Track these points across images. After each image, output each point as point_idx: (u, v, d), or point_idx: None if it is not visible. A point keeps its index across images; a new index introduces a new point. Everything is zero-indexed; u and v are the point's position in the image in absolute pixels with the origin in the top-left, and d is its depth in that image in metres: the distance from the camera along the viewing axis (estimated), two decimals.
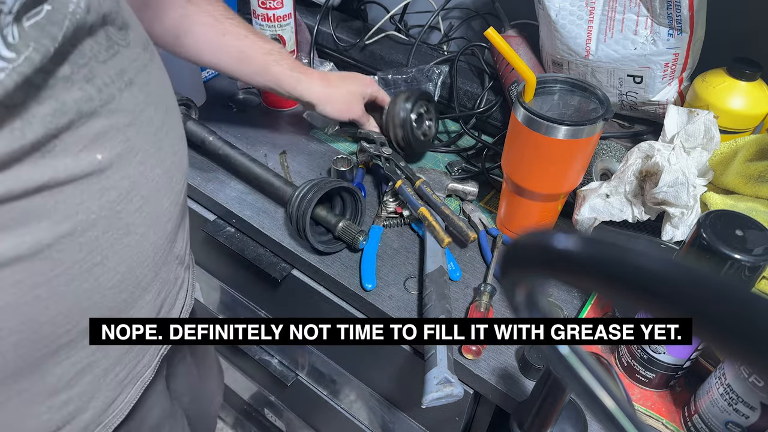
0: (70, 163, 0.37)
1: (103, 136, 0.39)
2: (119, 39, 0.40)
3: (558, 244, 0.21)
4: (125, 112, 0.40)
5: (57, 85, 0.35)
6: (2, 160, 0.33)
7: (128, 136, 0.41)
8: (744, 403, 0.51)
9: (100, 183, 0.39)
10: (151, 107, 0.44)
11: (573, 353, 0.25)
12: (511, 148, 0.71)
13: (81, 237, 0.39)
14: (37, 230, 0.37)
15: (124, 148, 0.41)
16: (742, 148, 0.70)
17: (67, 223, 0.38)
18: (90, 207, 0.39)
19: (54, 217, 0.37)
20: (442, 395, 0.59)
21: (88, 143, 0.37)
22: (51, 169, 0.36)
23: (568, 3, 0.79)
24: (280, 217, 0.82)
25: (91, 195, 0.39)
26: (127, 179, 0.42)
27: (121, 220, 0.42)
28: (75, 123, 0.36)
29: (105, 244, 0.42)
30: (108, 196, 0.40)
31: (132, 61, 0.41)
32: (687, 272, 0.17)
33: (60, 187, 0.37)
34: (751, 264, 0.48)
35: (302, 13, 1.08)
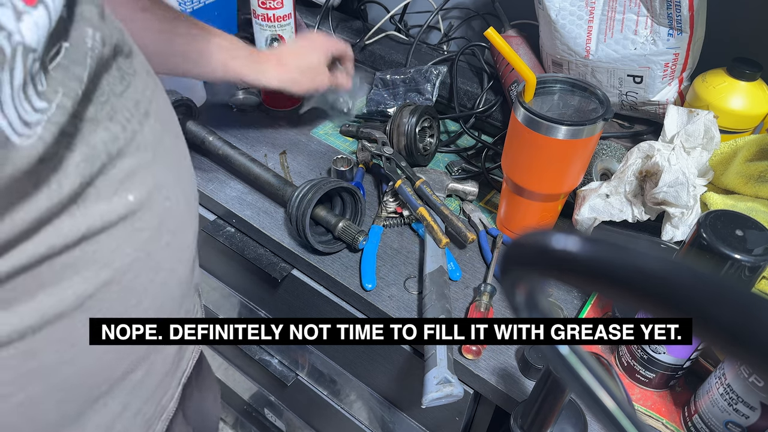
0: (104, 209, 0.35)
1: (133, 176, 0.37)
2: (128, 68, 0.38)
3: (558, 244, 0.21)
4: (148, 147, 0.39)
5: (84, 129, 0.33)
6: (43, 216, 0.31)
7: (154, 171, 0.40)
8: (744, 403, 0.51)
9: (133, 225, 0.38)
10: (167, 136, 0.42)
11: (573, 353, 0.25)
12: (511, 148, 0.71)
13: (119, 284, 0.38)
14: (79, 283, 0.35)
15: (152, 184, 0.39)
16: (742, 148, 0.70)
17: (106, 271, 0.37)
18: (126, 251, 0.38)
19: (93, 268, 0.36)
20: (442, 395, 0.59)
21: (119, 186, 0.36)
22: (88, 218, 0.34)
23: (568, 3, 0.79)
24: (280, 217, 0.82)
25: (126, 239, 0.38)
26: (156, 217, 0.41)
27: (152, 260, 0.41)
28: (106, 166, 0.34)
29: (139, 287, 0.41)
30: (140, 237, 0.39)
31: (143, 90, 0.40)
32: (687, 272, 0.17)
33: (97, 236, 0.35)
34: (751, 264, 0.48)
35: (302, 13, 1.08)
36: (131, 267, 0.39)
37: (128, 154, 0.36)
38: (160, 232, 0.41)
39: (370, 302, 0.71)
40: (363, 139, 0.92)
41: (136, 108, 0.38)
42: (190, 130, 0.86)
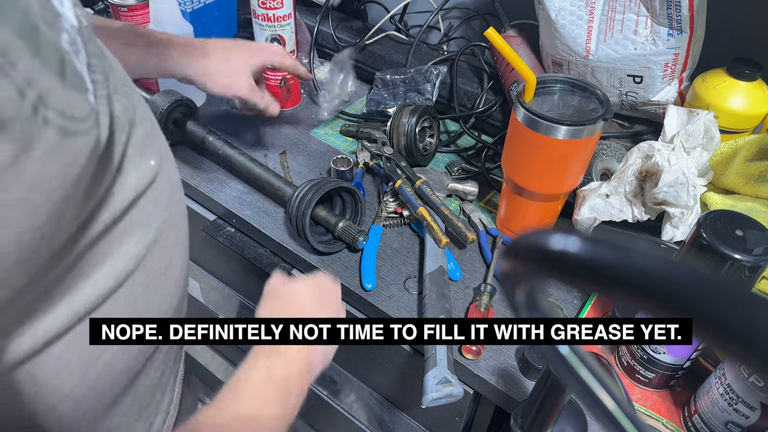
0: (140, 173, 0.38)
1: (147, 143, 0.40)
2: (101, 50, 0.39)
3: (557, 244, 0.21)
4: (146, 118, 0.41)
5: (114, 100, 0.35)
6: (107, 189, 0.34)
7: (157, 141, 0.42)
8: (744, 403, 0.51)
9: (158, 187, 0.41)
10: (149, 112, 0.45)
11: (573, 353, 0.25)
12: (511, 148, 0.71)
13: (159, 242, 0.41)
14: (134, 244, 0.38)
15: (160, 151, 0.42)
16: (742, 148, 0.70)
17: (151, 232, 0.40)
18: (160, 212, 0.41)
19: (141, 229, 0.39)
20: (442, 395, 0.59)
21: (141, 152, 0.38)
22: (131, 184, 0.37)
23: (568, 3, 0.79)
24: (280, 217, 0.82)
25: (157, 200, 0.41)
26: (168, 180, 0.44)
27: (174, 219, 0.44)
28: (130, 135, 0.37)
29: (171, 245, 0.44)
30: (164, 199, 0.42)
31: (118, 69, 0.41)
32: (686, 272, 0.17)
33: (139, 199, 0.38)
34: (751, 264, 0.48)
35: (302, 13, 1.08)
36: (164, 226, 0.42)
37: (138, 123, 0.39)
38: (173, 193, 0.45)
39: (370, 302, 0.71)
40: (363, 139, 0.92)
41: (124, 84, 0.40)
42: (190, 130, 0.86)
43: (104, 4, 1.03)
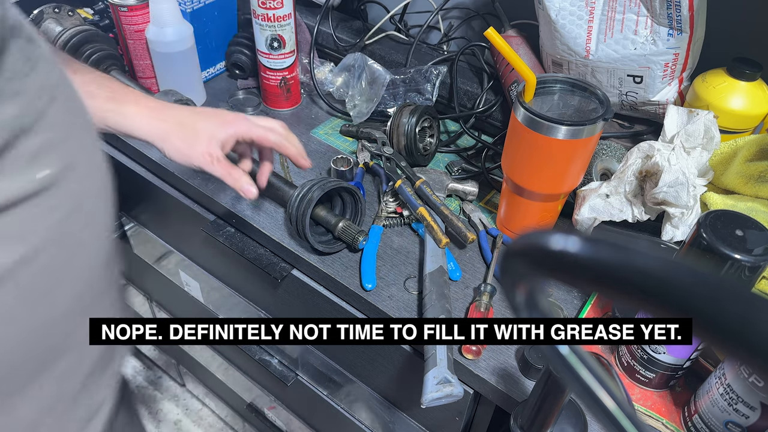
0: (14, 183, 0.35)
1: (45, 152, 0.37)
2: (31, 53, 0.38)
3: (557, 244, 0.21)
4: (59, 126, 0.39)
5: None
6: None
7: (66, 150, 0.40)
8: (744, 403, 0.51)
9: (47, 201, 0.38)
10: (77, 122, 0.43)
11: (573, 353, 0.25)
12: (511, 148, 0.71)
13: (34, 261, 0.38)
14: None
15: (64, 163, 0.39)
16: (742, 148, 0.70)
17: (19, 247, 0.37)
18: (39, 228, 0.38)
19: (6, 244, 0.36)
20: (442, 395, 0.59)
21: (30, 161, 0.36)
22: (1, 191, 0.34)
23: (568, 3, 0.79)
24: (280, 217, 0.82)
25: (40, 215, 0.38)
26: (70, 198, 0.40)
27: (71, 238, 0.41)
28: (12, 141, 0.35)
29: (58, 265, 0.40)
30: (56, 215, 0.39)
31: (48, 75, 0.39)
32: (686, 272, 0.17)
33: (7, 211, 0.35)
34: (751, 264, 0.48)
35: (302, 13, 1.08)
36: (47, 245, 0.39)
37: (37, 131, 0.36)
38: (76, 212, 0.41)
39: (370, 302, 0.71)
40: (363, 139, 0.92)
41: (43, 90, 0.38)
42: None
43: (104, 4, 1.03)
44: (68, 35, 0.91)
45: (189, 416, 1.60)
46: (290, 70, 0.98)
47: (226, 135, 0.68)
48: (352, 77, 0.96)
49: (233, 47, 1.05)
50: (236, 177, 0.69)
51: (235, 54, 1.04)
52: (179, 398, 1.63)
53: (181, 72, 0.95)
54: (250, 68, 1.04)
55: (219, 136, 0.67)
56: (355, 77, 0.96)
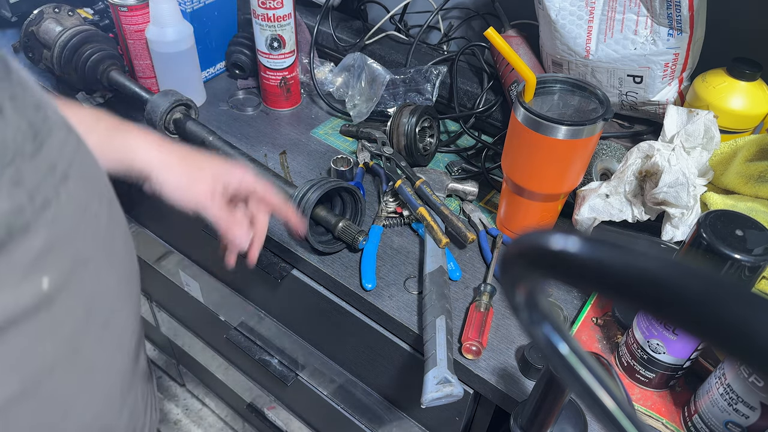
0: (9, 299, 0.28)
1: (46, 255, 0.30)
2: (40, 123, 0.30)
3: (557, 244, 0.21)
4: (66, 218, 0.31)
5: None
6: None
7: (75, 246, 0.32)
8: (744, 403, 0.51)
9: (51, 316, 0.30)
10: (94, 201, 0.35)
11: (573, 353, 0.25)
12: (511, 148, 0.71)
13: (36, 393, 0.31)
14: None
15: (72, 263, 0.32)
16: (742, 148, 0.70)
17: (15, 379, 0.29)
18: (43, 351, 0.30)
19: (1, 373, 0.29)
20: (442, 395, 0.59)
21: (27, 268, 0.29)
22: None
23: (568, 3, 0.79)
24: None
25: (43, 335, 0.30)
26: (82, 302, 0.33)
27: (81, 356, 0.34)
28: (6, 244, 0.27)
29: (66, 394, 0.33)
30: (63, 331, 0.32)
31: (61, 148, 0.32)
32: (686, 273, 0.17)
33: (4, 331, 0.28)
34: (751, 264, 0.48)
35: (302, 13, 1.08)
36: (52, 371, 0.31)
37: (38, 228, 0.29)
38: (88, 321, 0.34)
39: (370, 302, 0.71)
40: (363, 139, 0.92)
41: (51, 172, 0.30)
42: (190, 130, 0.86)
43: (104, 4, 1.03)
44: (68, 35, 0.91)
45: (189, 416, 1.60)
46: (290, 70, 0.98)
47: (231, 180, 0.63)
48: (352, 77, 0.96)
49: (233, 47, 1.05)
50: (232, 225, 0.63)
51: (235, 54, 1.04)
52: (179, 398, 1.63)
53: (181, 72, 0.95)
54: (250, 68, 1.04)
55: (224, 178, 0.62)
56: (354, 77, 0.96)
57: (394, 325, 0.70)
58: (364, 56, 0.95)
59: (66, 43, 0.91)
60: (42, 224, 0.29)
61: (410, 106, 0.86)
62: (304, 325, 0.90)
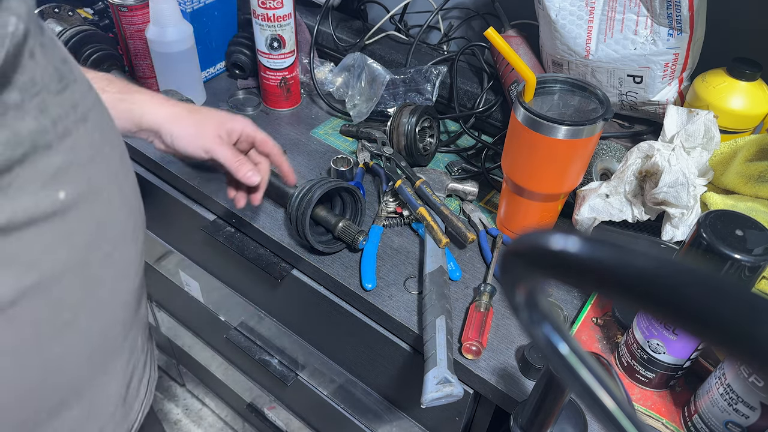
0: (29, 201, 0.32)
1: (64, 173, 0.35)
2: (67, 73, 0.36)
3: (557, 244, 0.21)
4: (84, 148, 0.37)
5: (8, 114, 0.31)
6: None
7: (90, 173, 0.37)
8: (744, 403, 0.51)
9: (66, 225, 0.35)
10: (107, 146, 0.40)
11: (573, 353, 0.25)
12: (511, 148, 0.71)
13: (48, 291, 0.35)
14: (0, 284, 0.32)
15: (87, 186, 0.37)
16: (742, 148, 0.70)
17: (31, 273, 0.33)
18: (56, 254, 0.35)
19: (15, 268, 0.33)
20: (442, 395, 0.59)
21: (48, 179, 0.33)
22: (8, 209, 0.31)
23: (568, 3, 0.79)
24: (280, 217, 0.82)
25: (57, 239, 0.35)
26: (94, 221, 0.37)
27: (90, 270, 0.38)
28: (30, 156, 0.32)
29: (75, 299, 0.37)
30: (75, 241, 0.36)
31: (83, 97, 0.37)
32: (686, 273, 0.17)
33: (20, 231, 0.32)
34: (751, 264, 0.48)
35: (302, 13, 1.08)
36: (63, 274, 0.35)
37: (59, 149, 0.34)
38: (98, 240, 0.38)
39: (370, 302, 0.71)
40: (363, 139, 0.92)
41: (73, 109, 0.36)
42: None
43: (104, 4, 1.03)
44: (68, 35, 0.91)
45: (189, 416, 1.60)
46: (290, 70, 0.98)
47: (235, 126, 0.68)
48: (351, 77, 0.96)
49: (233, 47, 1.05)
50: (242, 163, 0.67)
51: (235, 54, 1.04)
52: (179, 398, 1.63)
53: (181, 72, 0.95)
54: (250, 68, 1.04)
55: (228, 124, 0.67)
56: (354, 77, 0.96)
57: (394, 325, 0.70)
58: (364, 56, 0.95)
59: (66, 43, 0.91)
60: (62, 148, 0.34)
61: (410, 106, 0.86)
62: (304, 325, 0.90)
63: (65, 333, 0.37)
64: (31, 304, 0.34)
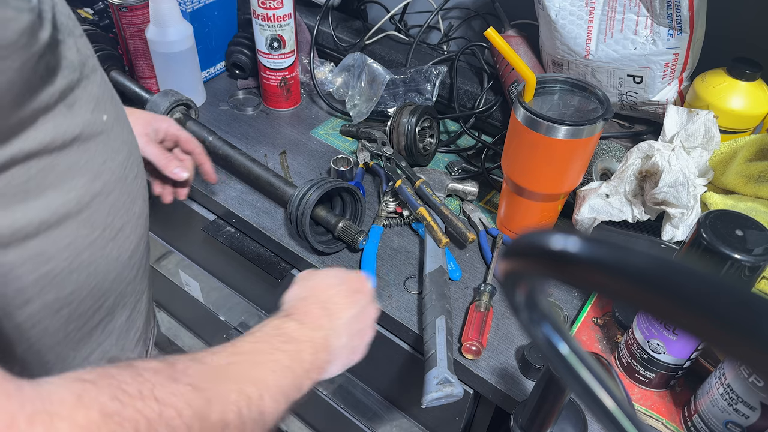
0: (89, 119, 0.39)
1: (101, 100, 0.41)
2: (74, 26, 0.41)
3: (557, 244, 0.21)
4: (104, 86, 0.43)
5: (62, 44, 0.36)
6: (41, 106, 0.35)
7: (113, 105, 0.44)
8: (744, 403, 0.51)
9: (110, 143, 0.42)
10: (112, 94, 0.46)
11: (573, 353, 0.25)
12: (511, 148, 0.71)
13: (107, 198, 0.42)
14: (77, 188, 0.39)
15: (115, 114, 0.43)
16: (742, 148, 0.70)
17: (98, 181, 0.40)
18: (110, 167, 0.42)
19: (87, 175, 0.40)
20: (442, 395, 0.59)
21: (94, 103, 0.40)
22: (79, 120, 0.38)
23: (568, 3, 0.79)
24: (280, 217, 0.82)
25: (109, 154, 0.41)
26: (125, 144, 0.44)
27: (127, 186, 0.44)
28: (81, 82, 0.38)
29: (122, 209, 0.44)
30: (118, 158, 0.43)
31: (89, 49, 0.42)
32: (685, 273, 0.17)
33: (86, 144, 0.39)
34: (751, 264, 0.48)
35: (302, 13, 1.08)
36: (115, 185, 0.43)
37: (92, 82, 0.40)
38: (129, 161, 0.45)
39: None
40: (363, 139, 0.92)
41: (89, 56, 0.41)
42: (190, 130, 0.86)
43: (104, 4, 1.03)
44: None
45: None
46: (290, 70, 0.98)
47: (161, 125, 0.71)
48: (352, 77, 0.96)
49: (233, 47, 1.05)
50: (170, 160, 0.70)
51: (235, 54, 1.04)
52: None
53: (181, 72, 0.95)
54: (250, 68, 1.04)
55: (154, 124, 0.70)
56: (354, 77, 0.96)
57: (394, 325, 0.70)
58: (364, 56, 0.95)
59: None
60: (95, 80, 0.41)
61: (410, 106, 0.86)
62: None
63: (118, 237, 0.44)
64: (98, 207, 0.41)
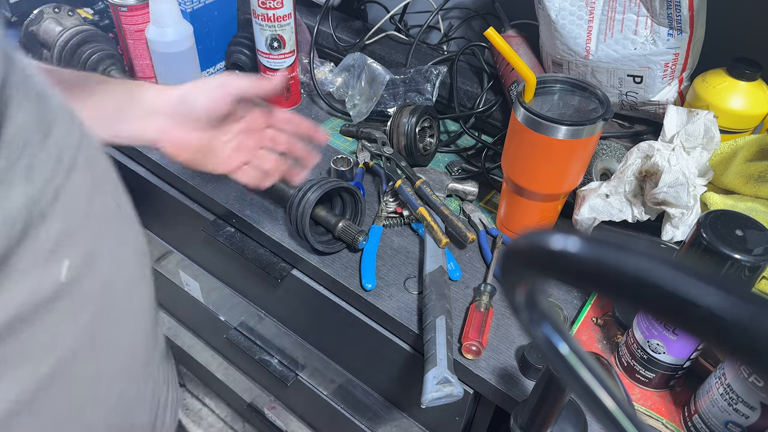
0: (35, 282, 0.29)
1: (64, 240, 0.30)
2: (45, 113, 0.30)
3: (557, 244, 0.21)
4: (79, 202, 0.32)
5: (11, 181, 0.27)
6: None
7: (89, 230, 0.33)
8: (744, 403, 0.51)
9: (72, 299, 0.31)
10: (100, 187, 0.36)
11: (573, 353, 0.25)
12: (511, 148, 0.71)
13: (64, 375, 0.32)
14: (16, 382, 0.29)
15: (89, 247, 0.33)
16: (742, 148, 0.70)
17: (46, 362, 0.30)
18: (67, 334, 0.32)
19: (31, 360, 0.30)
20: (442, 395, 0.59)
21: (49, 254, 0.29)
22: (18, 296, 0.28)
23: (568, 3, 0.79)
24: (280, 217, 0.82)
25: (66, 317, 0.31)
26: (99, 283, 0.34)
27: (101, 338, 0.35)
28: (28, 232, 0.28)
29: (90, 374, 0.35)
30: (84, 314, 0.33)
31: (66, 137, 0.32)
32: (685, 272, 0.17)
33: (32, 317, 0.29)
34: (751, 264, 0.48)
35: (302, 13, 1.08)
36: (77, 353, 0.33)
37: (54, 215, 0.30)
38: (106, 304, 0.35)
39: (370, 302, 0.71)
40: (363, 139, 0.92)
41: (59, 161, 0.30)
42: None
43: (104, 4, 1.03)
44: (68, 35, 0.91)
45: (189, 416, 1.60)
46: (290, 70, 0.98)
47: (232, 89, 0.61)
48: (352, 77, 0.96)
49: (233, 47, 1.05)
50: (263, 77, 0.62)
51: (235, 54, 1.04)
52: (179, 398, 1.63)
53: (181, 72, 0.95)
54: (250, 68, 1.04)
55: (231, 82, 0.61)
56: (354, 77, 0.96)
57: (394, 325, 0.70)
58: (364, 56, 0.95)
59: (66, 43, 0.91)
60: (57, 212, 0.30)
61: (410, 106, 0.86)
62: (304, 325, 0.90)
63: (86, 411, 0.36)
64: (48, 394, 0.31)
